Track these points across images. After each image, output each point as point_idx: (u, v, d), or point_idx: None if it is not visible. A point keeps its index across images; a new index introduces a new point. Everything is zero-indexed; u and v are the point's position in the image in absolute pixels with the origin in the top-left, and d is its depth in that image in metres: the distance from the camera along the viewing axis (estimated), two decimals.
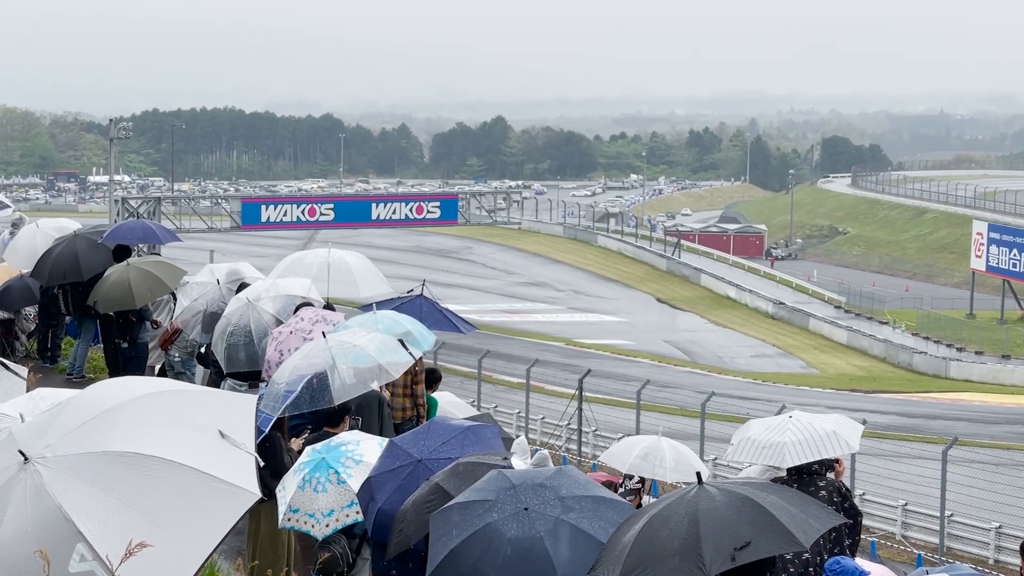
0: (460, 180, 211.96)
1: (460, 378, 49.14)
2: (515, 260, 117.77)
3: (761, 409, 40.15)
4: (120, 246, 19.40)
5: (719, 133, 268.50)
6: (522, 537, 7.16)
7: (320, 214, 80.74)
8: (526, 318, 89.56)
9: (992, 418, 61.14)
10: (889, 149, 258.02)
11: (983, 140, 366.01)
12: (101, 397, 6.31)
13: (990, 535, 33.25)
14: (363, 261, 17.58)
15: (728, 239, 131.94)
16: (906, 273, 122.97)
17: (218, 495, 5.81)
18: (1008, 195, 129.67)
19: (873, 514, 34.84)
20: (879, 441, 41.94)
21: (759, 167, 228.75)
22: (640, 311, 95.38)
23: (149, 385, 6.67)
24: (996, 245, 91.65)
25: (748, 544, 6.20)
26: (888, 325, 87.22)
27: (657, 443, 14.56)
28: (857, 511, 10.50)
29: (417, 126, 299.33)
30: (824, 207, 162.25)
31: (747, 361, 78.11)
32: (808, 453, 10.26)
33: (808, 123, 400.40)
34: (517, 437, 9.85)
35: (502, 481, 7.57)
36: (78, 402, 6.32)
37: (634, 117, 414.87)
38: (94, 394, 6.43)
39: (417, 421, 13.54)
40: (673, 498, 6.66)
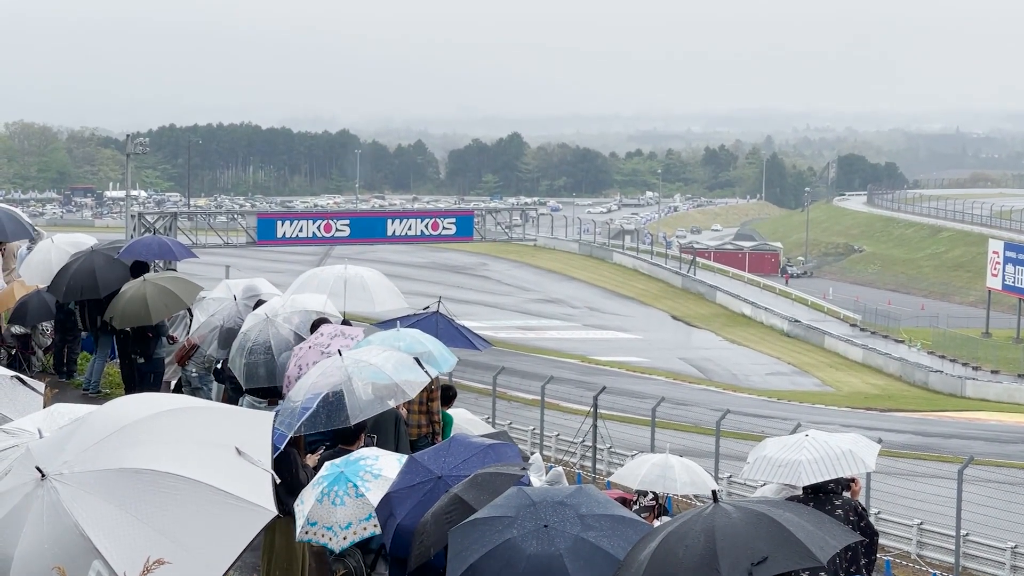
0: (476, 196, 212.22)
1: (475, 395, 49.17)
2: (530, 277, 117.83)
3: (776, 427, 40.07)
4: (137, 262, 19.44)
5: (735, 150, 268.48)
6: (541, 554, 7.18)
7: (336, 230, 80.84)
8: (541, 335, 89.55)
9: (1008, 437, 60.97)
10: (905, 167, 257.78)
11: (999, 159, 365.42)
12: (118, 414, 6.33)
13: (1006, 555, 33.16)
14: (379, 276, 17.63)
15: (743, 256, 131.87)
16: (922, 291, 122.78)
17: (234, 512, 5.83)
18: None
19: (889, 533, 34.78)
20: (895, 460, 41.80)
21: (775, 184, 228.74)
22: (655, 328, 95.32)
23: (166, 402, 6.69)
24: (1012, 264, 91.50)
25: (765, 559, 6.22)
26: (904, 343, 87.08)
27: (666, 460, 14.62)
28: (873, 530, 10.48)
29: (433, 142, 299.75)
30: (840, 225, 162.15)
31: (762, 379, 78.02)
32: (824, 472, 10.25)
33: (824, 141, 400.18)
34: (532, 454, 9.84)
35: (522, 498, 7.60)
36: (95, 418, 6.34)
37: (650, 134, 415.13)
38: (111, 411, 6.45)
39: (433, 438, 13.55)
40: (689, 516, 6.67)
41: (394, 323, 14.79)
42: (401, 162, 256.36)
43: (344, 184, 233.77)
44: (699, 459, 22.34)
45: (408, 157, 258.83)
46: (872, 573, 10.14)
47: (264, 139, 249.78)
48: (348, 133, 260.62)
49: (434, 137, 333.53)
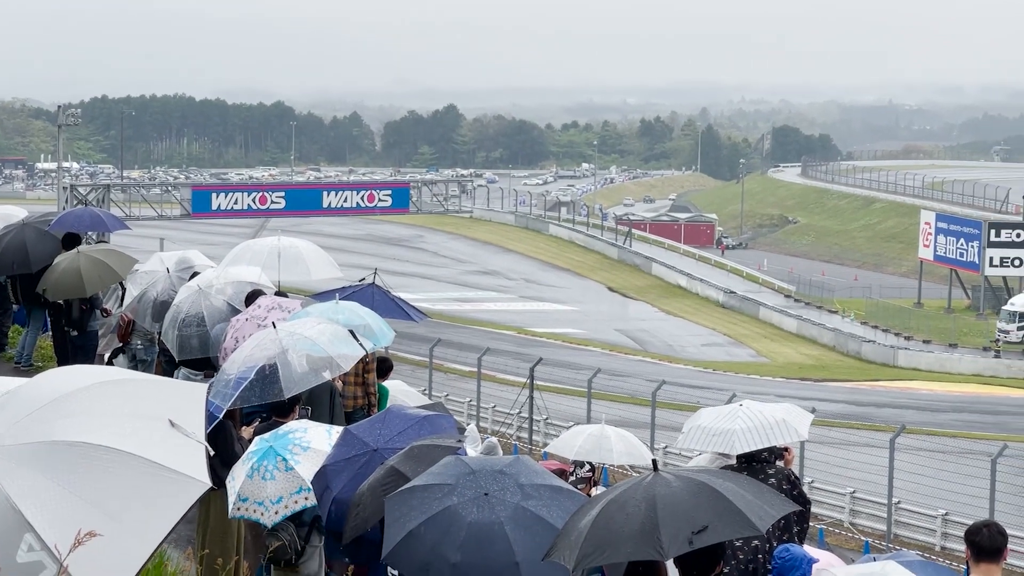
0: (412, 168, 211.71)
1: (411, 367, 49.12)
2: (466, 249, 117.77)
3: (711, 398, 40.35)
4: (69, 234, 19.24)
5: (670, 122, 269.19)
6: (482, 522, 7.19)
7: (271, 202, 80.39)
8: (477, 307, 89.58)
9: (939, 406, 61.62)
10: (839, 139, 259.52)
11: (931, 130, 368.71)
12: (51, 386, 6.27)
13: (937, 522, 33.54)
14: (313, 247, 17.55)
15: (679, 228, 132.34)
16: (855, 262, 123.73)
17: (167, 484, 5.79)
18: (955, 185, 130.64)
19: (822, 501, 35.09)
20: (828, 429, 42.20)
21: (710, 156, 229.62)
22: (591, 300, 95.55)
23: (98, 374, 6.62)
24: (943, 235, 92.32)
25: (705, 528, 6.24)
26: (837, 314, 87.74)
27: (602, 430, 14.66)
28: (806, 499, 10.55)
29: (369, 114, 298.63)
30: (774, 196, 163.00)
31: (697, 350, 78.41)
32: (757, 441, 10.30)
33: (759, 113, 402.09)
34: (468, 426, 9.84)
35: (461, 467, 7.61)
36: (26, 391, 6.27)
37: (586, 106, 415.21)
38: (42, 383, 6.38)
39: (368, 410, 13.51)
40: (629, 484, 6.69)
41: (331, 295, 14.73)
42: (337, 134, 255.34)
43: (279, 156, 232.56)
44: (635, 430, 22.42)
45: (344, 129, 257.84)
46: (804, 541, 10.21)
47: (198, 111, 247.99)
48: (283, 105, 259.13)
49: (370, 109, 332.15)
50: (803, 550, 9.28)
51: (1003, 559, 7.69)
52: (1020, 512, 36.28)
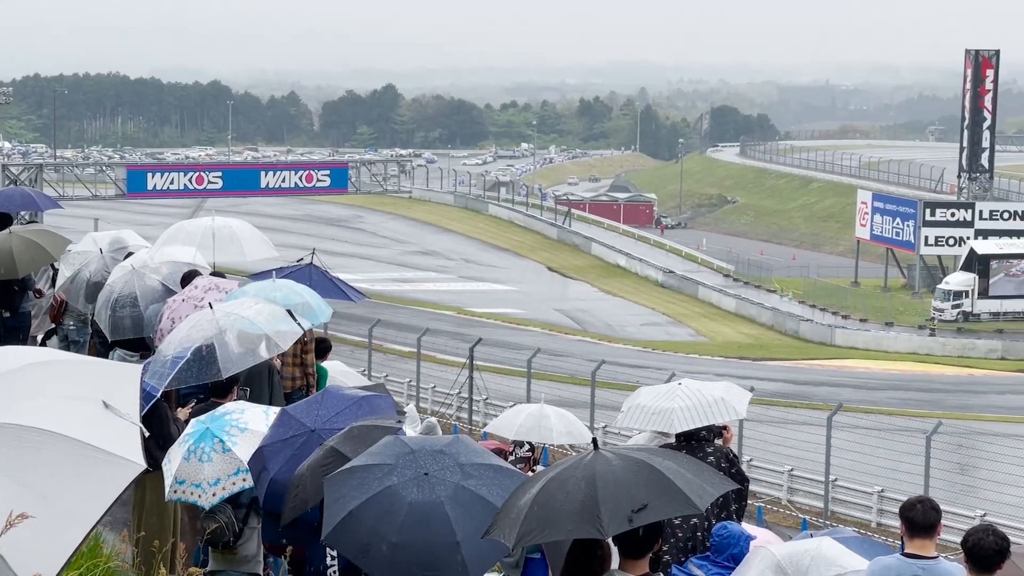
0: (350, 148, 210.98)
1: (351, 347, 48.97)
2: (406, 229, 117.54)
3: (651, 377, 40.34)
4: (0, 214, 19.02)
5: (609, 102, 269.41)
6: (423, 501, 7.20)
7: (208, 182, 79.89)
8: (417, 287, 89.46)
9: (875, 384, 62.18)
10: (777, 119, 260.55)
11: (868, 110, 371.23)
12: None
13: (873, 499, 33.83)
14: (249, 227, 17.43)
15: (618, 208, 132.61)
16: (793, 242, 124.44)
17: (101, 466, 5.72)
18: (892, 165, 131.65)
19: (760, 479, 35.30)
20: (766, 408, 42.41)
21: (649, 136, 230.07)
22: (531, 280, 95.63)
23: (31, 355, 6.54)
24: (880, 214, 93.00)
25: (645, 507, 6.26)
26: (775, 293, 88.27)
27: (541, 410, 14.68)
28: (744, 477, 10.62)
29: (307, 94, 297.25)
30: (713, 176, 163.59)
31: (637, 329, 78.66)
32: (696, 419, 10.35)
33: (697, 92, 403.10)
34: (407, 406, 9.82)
35: (400, 446, 7.61)
36: None
37: (525, 86, 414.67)
38: None
39: (307, 391, 13.45)
40: (569, 463, 6.68)
41: (268, 274, 14.66)
42: (274, 114, 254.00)
43: (216, 136, 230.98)
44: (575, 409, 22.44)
45: (281, 109, 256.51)
46: (743, 519, 10.27)
47: (133, 90, 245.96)
48: (220, 84, 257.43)
49: (307, 89, 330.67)
50: (741, 528, 9.34)
51: (937, 534, 7.74)
52: (954, 488, 36.69)
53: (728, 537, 9.07)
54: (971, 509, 31.24)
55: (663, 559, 9.49)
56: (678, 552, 9.81)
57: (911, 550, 7.71)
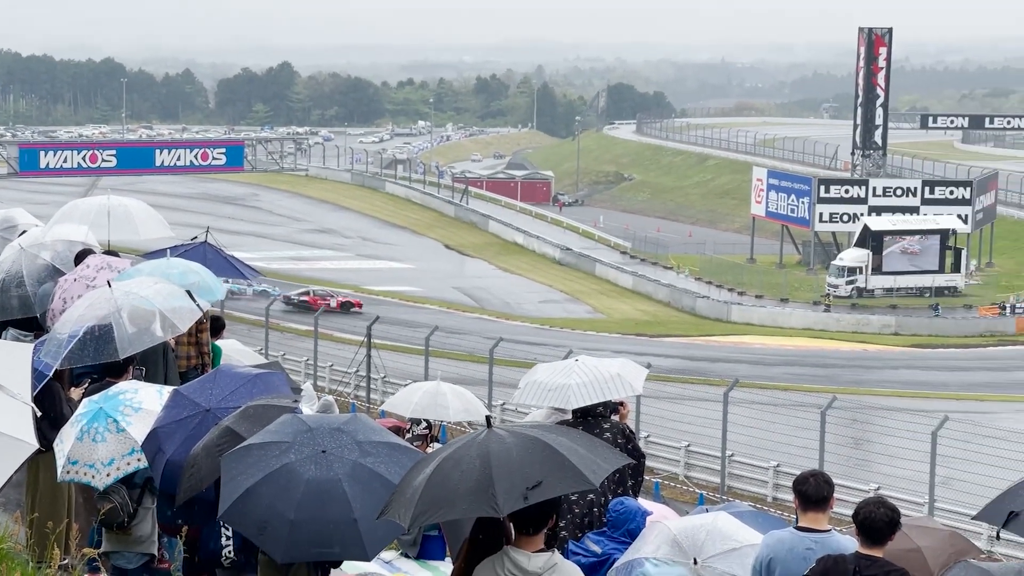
0: (246, 126, 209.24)
1: (247, 326, 48.76)
2: (302, 207, 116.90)
3: (548, 354, 40.52)
4: None
5: (506, 80, 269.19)
6: (320, 479, 7.20)
7: (102, 160, 78.92)
8: (314, 265, 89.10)
9: (771, 360, 62.84)
10: (673, 96, 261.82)
11: (763, 88, 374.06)
12: None
13: (769, 474, 34.19)
14: (143, 206, 17.24)
15: (515, 186, 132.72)
16: (689, 219, 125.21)
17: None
18: (787, 142, 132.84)
19: (657, 455, 35.54)
20: (663, 384, 42.72)
21: (546, 114, 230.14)
22: (428, 258, 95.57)
23: None
24: (775, 191, 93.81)
25: (539, 484, 6.29)
26: (672, 270, 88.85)
27: (437, 387, 14.68)
28: (640, 452, 10.68)
29: (201, 71, 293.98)
30: (610, 154, 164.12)
31: (535, 307, 78.87)
32: (592, 395, 10.40)
33: (594, 70, 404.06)
34: (304, 384, 9.78)
35: (298, 424, 7.59)
36: None
37: (422, 63, 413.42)
38: None
39: (202, 369, 13.34)
40: (464, 441, 6.70)
41: (162, 253, 14.53)
42: (169, 91, 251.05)
43: (110, 114, 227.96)
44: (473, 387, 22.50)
45: (176, 86, 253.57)
46: (639, 494, 10.33)
47: (24, 67, 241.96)
48: (113, 62, 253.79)
49: (202, 66, 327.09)
50: (638, 503, 9.40)
51: (829, 507, 7.85)
52: (848, 462, 37.21)
53: (625, 513, 9.13)
54: (865, 483, 31.67)
55: (560, 535, 9.55)
56: (575, 528, 9.86)
57: (805, 523, 7.81)
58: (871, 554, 7.14)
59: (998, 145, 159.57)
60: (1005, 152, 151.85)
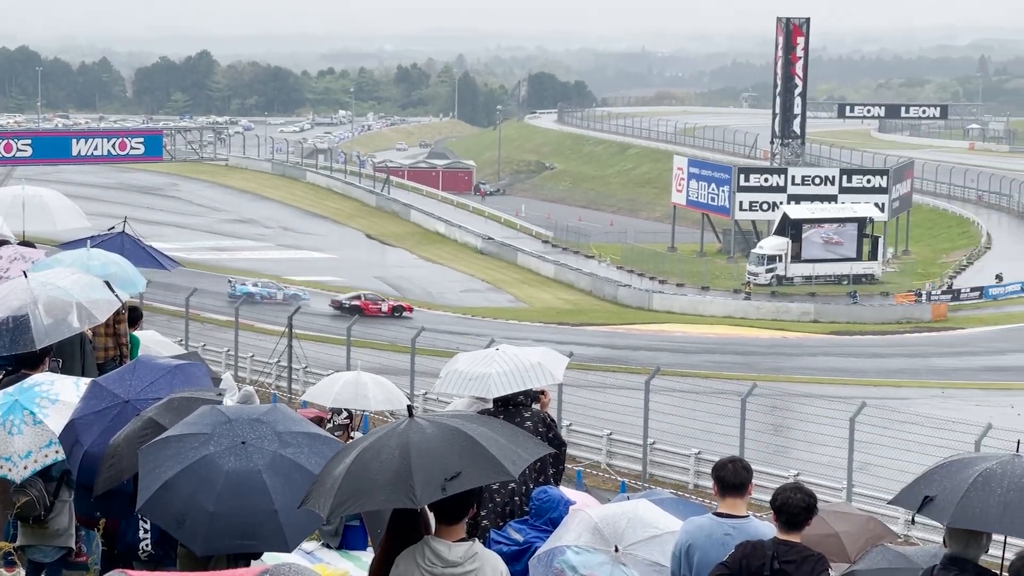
0: (165, 116, 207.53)
1: (167, 317, 48.43)
2: (222, 197, 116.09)
3: (470, 343, 40.58)
4: None
5: (427, 69, 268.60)
6: (240, 470, 7.13)
7: (17, 150, 78.10)
8: (235, 255, 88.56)
9: (692, 348, 63.23)
10: (594, 86, 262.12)
11: (683, 77, 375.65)
12: None
13: (690, 461, 34.41)
14: (59, 196, 17.08)
15: (437, 175, 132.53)
16: (611, 208, 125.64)
17: None
18: (707, 131, 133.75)
19: (579, 444, 35.69)
20: (585, 373, 42.91)
21: (467, 103, 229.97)
22: (350, 247, 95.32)
23: None
24: (695, 180, 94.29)
25: (458, 474, 6.28)
26: (594, 259, 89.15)
27: (358, 377, 14.66)
28: (561, 441, 10.71)
29: (119, 60, 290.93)
30: (531, 143, 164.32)
31: (457, 296, 78.87)
32: (513, 384, 10.42)
33: (515, 59, 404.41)
34: (224, 374, 9.72)
35: (217, 415, 7.53)
36: None
37: (342, 52, 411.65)
38: None
39: (120, 361, 13.22)
40: (384, 431, 6.68)
41: (80, 243, 14.38)
42: (86, 80, 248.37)
43: (25, 103, 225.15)
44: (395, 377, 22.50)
45: (93, 75, 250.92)
46: (561, 483, 10.36)
47: None
48: (28, 50, 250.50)
49: (119, 55, 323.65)
50: (560, 492, 9.43)
51: (748, 493, 7.91)
52: (768, 449, 37.52)
53: (548, 501, 9.15)
54: (785, 469, 31.96)
55: (481, 524, 9.57)
56: (496, 517, 9.87)
57: (723, 509, 7.87)
58: (789, 539, 7.20)
59: (914, 134, 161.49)
60: (920, 141, 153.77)
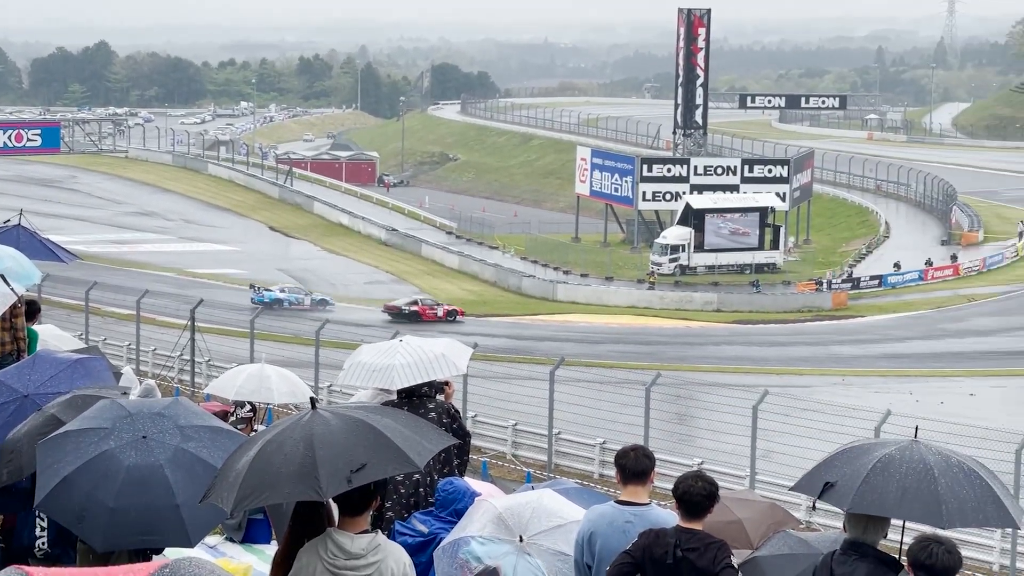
0: (62, 107, 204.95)
1: (66, 311, 47.80)
2: (123, 189, 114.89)
3: (376, 335, 40.48)
4: None
5: (330, 60, 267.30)
6: (141, 465, 7.06)
7: None
8: (136, 248, 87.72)
9: (596, 338, 63.51)
10: (497, 77, 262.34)
11: (586, 68, 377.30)
12: None
13: (595, 450, 34.54)
14: None
15: (340, 167, 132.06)
16: (515, 198, 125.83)
17: None
18: (610, 122, 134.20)
19: (485, 435, 35.74)
20: (490, 364, 42.93)
21: (370, 94, 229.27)
22: (253, 239, 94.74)
23: None
24: (599, 170, 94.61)
25: (363, 466, 6.26)
26: (498, 250, 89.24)
27: (261, 370, 14.55)
28: (466, 432, 10.72)
29: (14, 51, 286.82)
30: (435, 134, 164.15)
31: (361, 288, 78.66)
32: (417, 375, 10.40)
33: (418, 50, 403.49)
34: (124, 368, 9.61)
35: (117, 410, 7.44)
36: None
37: (243, 43, 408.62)
38: None
39: (18, 356, 13.04)
40: (287, 423, 6.65)
41: None
42: None
43: None
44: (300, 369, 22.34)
45: None
46: (466, 473, 10.37)
47: None
48: None
49: (15, 45, 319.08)
50: (466, 483, 9.43)
51: (650, 481, 7.94)
52: (672, 438, 37.74)
53: (453, 492, 9.15)
54: (689, 457, 32.18)
55: (386, 516, 9.55)
56: (401, 508, 9.85)
57: (625, 497, 7.90)
58: (691, 527, 7.25)
59: (813, 124, 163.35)
60: (820, 131, 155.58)
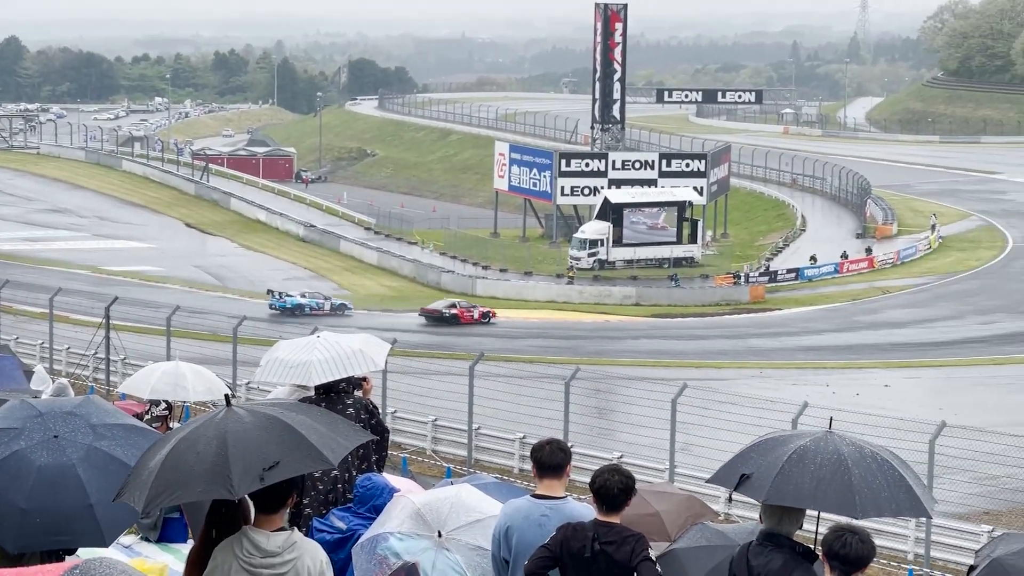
0: None
1: None
2: (34, 186, 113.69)
3: (293, 331, 40.27)
4: None
5: (245, 55, 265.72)
6: (53, 465, 6.93)
7: None
8: (48, 246, 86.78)
9: (516, 333, 63.58)
10: (414, 72, 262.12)
11: (504, 63, 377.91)
12: None
13: (515, 445, 34.59)
14: None
15: (257, 162, 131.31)
16: (433, 194, 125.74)
17: None
18: (528, 116, 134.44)
19: (405, 431, 35.69)
20: (410, 359, 42.86)
21: (287, 90, 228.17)
22: (168, 236, 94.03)
23: None
24: (517, 165, 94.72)
25: (277, 464, 6.21)
26: (417, 245, 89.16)
27: (176, 367, 14.44)
28: (384, 427, 10.69)
29: None
30: (352, 129, 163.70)
31: (279, 284, 78.12)
32: (334, 371, 10.37)
33: (335, 45, 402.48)
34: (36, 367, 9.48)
35: (27, 409, 7.32)
36: None
37: (157, 38, 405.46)
38: None
39: None
40: (201, 421, 6.58)
41: None
42: None
43: None
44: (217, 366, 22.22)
45: None
46: (385, 469, 10.33)
47: None
48: None
49: None
50: (384, 479, 9.39)
51: (566, 475, 7.92)
52: (592, 431, 37.90)
53: (372, 488, 9.11)
54: (609, 451, 32.26)
55: (304, 512, 9.49)
56: (319, 505, 9.80)
57: (541, 491, 7.88)
58: (608, 520, 7.25)
59: (730, 119, 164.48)
60: (737, 125, 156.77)
